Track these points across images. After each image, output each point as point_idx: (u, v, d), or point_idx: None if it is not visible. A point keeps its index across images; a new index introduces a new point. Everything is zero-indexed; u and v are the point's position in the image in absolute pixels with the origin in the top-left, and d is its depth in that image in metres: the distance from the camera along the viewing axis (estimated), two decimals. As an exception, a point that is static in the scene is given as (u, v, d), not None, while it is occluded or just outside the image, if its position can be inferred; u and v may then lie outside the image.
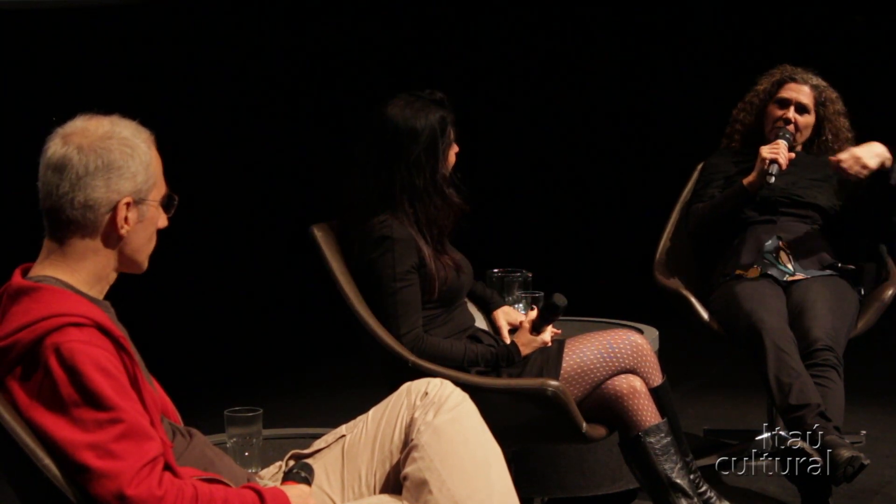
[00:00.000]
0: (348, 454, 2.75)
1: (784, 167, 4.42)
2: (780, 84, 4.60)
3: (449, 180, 3.68)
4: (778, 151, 4.41)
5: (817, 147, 4.62)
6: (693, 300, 4.50)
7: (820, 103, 4.57)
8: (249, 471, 2.84)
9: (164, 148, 2.53)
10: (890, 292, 4.46)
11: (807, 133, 4.59)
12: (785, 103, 4.57)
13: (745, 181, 4.46)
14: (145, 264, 2.52)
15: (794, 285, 4.37)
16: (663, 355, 3.96)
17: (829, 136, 4.58)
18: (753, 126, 4.65)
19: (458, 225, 3.73)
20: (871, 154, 4.31)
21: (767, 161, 4.40)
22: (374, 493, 2.71)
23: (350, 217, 3.71)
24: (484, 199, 5.45)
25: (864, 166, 4.29)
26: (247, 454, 3.03)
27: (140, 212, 2.46)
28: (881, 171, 4.31)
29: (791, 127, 4.54)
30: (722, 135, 4.78)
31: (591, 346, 3.74)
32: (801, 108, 4.56)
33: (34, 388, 2.30)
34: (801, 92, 4.56)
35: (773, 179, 4.40)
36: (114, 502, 2.26)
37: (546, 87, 7.77)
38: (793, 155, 4.48)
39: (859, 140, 4.59)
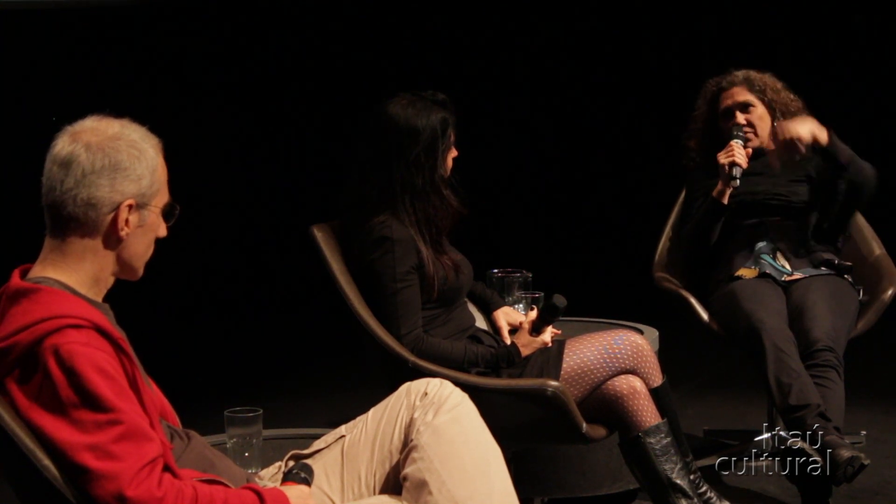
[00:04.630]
0: (348, 454, 2.75)
1: (745, 166, 4.43)
2: (715, 99, 4.62)
3: (447, 182, 3.68)
4: (733, 153, 4.43)
5: None
6: (693, 300, 4.50)
7: (759, 90, 4.57)
8: (249, 471, 2.84)
9: (164, 147, 2.53)
10: (890, 292, 4.46)
11: (766, 124, 4.58)
12: (728, 113, 4.58)
13: (714, 192, 4.47)
14: (141, 271, 2.52)
15: (793, 285, 4.37)
16: (663, 355, 3.96)
17: (781, 116, 4.58)
18: (710, 146, 4.64)
19: (457, 226, 3.73)
20: (800, 125, 4.31)
21: (727, 166, 4.42)
22: (374, 493, 2.71)
23: (350, 216, 3.71)
24: (484, 199, 5.45)
25: (799, 138, 4.29)
26: (247, 454, 3.03)
27: (141, 216, 2.46)
28: (827, 154, 4.32)
29: (748, 129, 4.54)
30: (683, 160, 4.78)
31: (591, 346, 3.74)
32: (745, 106, 4.56)
33: (33, 390, 2.31)
34: (735, 94, 4.57)
35: (737, 182, 4.41)
36: (113, 503, 2.26)
37: (546, 87, 7.77)
38: (750, 151, 4.48)
39: (809, 104, 4.60)
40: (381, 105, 3.68)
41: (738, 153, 4.42)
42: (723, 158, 4.44)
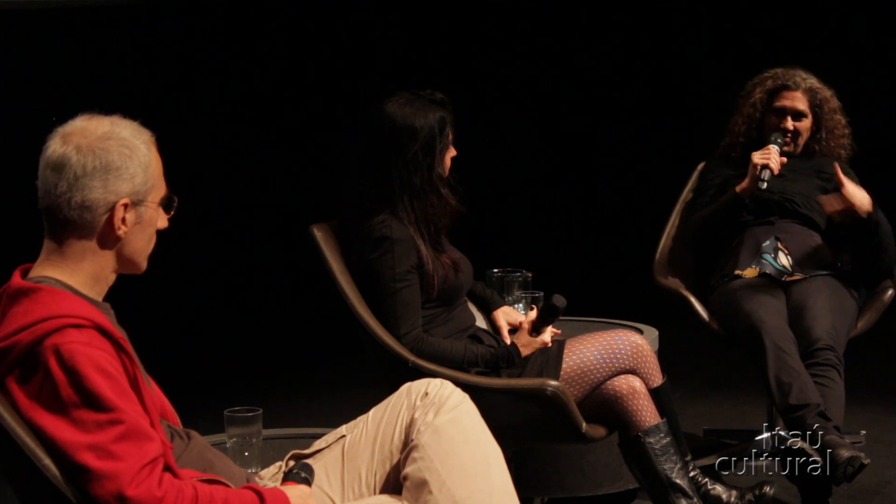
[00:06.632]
0: (348, 454, 2.75)
1: (776, 172, 4.42)
2: (774, 92, 4.59)
3: (445, 181, 3.69)
4: (769, 157, 4.42)
5: (812, 147, 4.62)
6: (693, 300, 4.50)
7: (815, 105, 4.57)
8: (249, 471, 2.84)
9: (164, 148, 2.53)
10: (890, 292, 4.46)
11: (806, 135, 4.60)
12: (782, 113, 4.56)
13: (738, 188, 4.47)
14: (144, 265, 2.52)
15: (793, 285, 4.37)
16: (663, 355, 3.96)
17: (824, 134, 4.59)
18: (757, 139, 4.63)
19: (457, 225, 3.74)
20: (862, 197, 4.34)
21: (759, 167, 4.41)
22: (375, 493, 2.72)
23: (349, 215, 3.71)
24: (484, 198, 5.44)
25: (856, 208, 4.32)
26: (247, 454, 3.03)
27: (138, 213, 2.45)
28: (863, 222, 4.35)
29: (788, 138, 4.54)
30: (720, 141, 4.77)
31: (591, 346, 3.74)
32: (798, 115, 4.56)
33: (34, 389, 2.30)
34: (796, 98, 4.56)
35: (765, 185, 4.40)
36: (114, 503, 2.26)
37: (546, 86, 7.77)
38: (784, 160, 4.49)
39: (856, 134, 4.62)
40: (379, 104, 3.69)
41: (773, 158, 4.42)
42: (757, 158, 4.42)
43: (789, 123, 4.55)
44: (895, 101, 7.10)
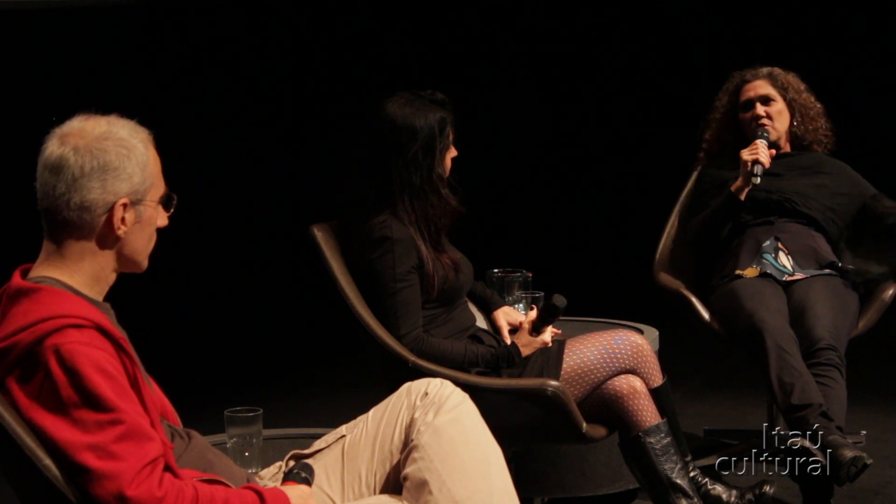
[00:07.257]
0: (348, 454, 2.75)
1: (767, 165, 4.44)
2: (737, 91, 4.64)
3: (445, 181, 3.68)
4: (757, 152, 4.43)
5: (796, 135, 4.63)
6: (694, 300, 4.50)
7: (781, 87, 4.60)
8: (249, 471, 2.84)
9: (164, 148, 2.53)
10: (890, 292, 4.46)
11: (784, 120, 4.60)
12: (749, 104, 4.59)
13: (733, 187, 4.48)
14: (145, 264, 2.52)
15: (794, 285, 4.37)
16: (663, 355, 3.96)
17: (800, 118, 4.61)
18: (727, 139, 4.65)
19: (458, 225, 3.73)
20: None
21: (750, 163, 4.42)
22: (375, 493, 2.71)
23: (350, 215, 3.71)
24: (484, 198, 5.44)
25: None
26: (247, 454, 3.03)
27: (137, 212, 2.45)
28: None
29: (766, 121, 4.56)
30: (699, 151, 4.78)
31: (591, 346, 3.74)
32: (766, 100, 4.59)
33: (34, 390, 2.30)
34: (758, 86, 4.60)
35: (758, 180, 4.41)
36: (114, 503, 2.25)
37: (546, 86, 7.77)
38: (773, 152, 4.49)
39: (830, 112, 4.63)
40: (379, 104, 3.68)
41: (762, 152, 4.43)
42: (746, 155, 4.44)
43: (760, 109, 4.57)
44: (893, 100, 7.11)
